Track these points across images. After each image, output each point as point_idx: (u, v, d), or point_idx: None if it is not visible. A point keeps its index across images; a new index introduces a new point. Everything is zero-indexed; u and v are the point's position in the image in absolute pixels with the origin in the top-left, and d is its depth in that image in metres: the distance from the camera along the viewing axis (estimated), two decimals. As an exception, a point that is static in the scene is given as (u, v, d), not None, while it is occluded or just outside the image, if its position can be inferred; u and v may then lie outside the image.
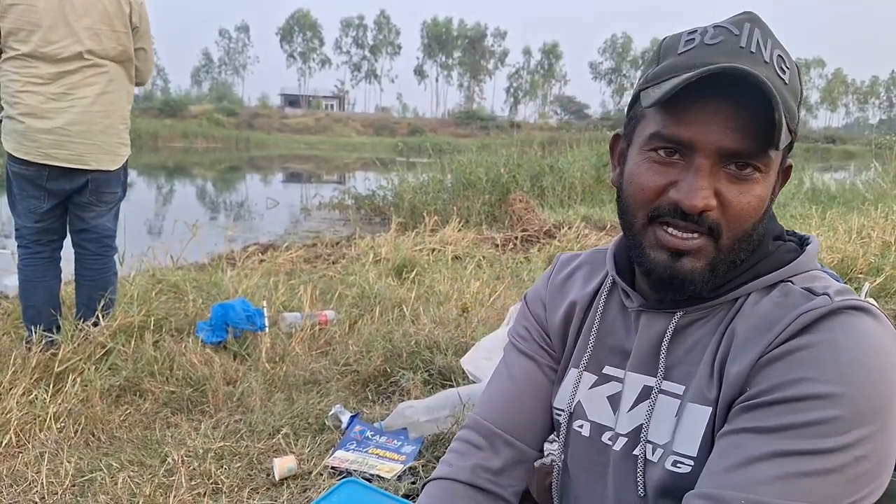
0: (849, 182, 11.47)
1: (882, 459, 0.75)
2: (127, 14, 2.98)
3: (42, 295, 3.04)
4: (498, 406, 1.07)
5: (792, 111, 0.81)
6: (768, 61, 0.80)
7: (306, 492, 2.13)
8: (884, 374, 0.75)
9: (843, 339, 0.76)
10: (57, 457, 2.26)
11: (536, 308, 1.12)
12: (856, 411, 0.73)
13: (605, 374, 0.99)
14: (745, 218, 0.83)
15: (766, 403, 0.77)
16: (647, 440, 0.90)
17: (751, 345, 0.81)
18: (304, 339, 3.32)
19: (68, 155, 2.90)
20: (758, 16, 0.84)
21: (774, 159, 0.83)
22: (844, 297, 0.81)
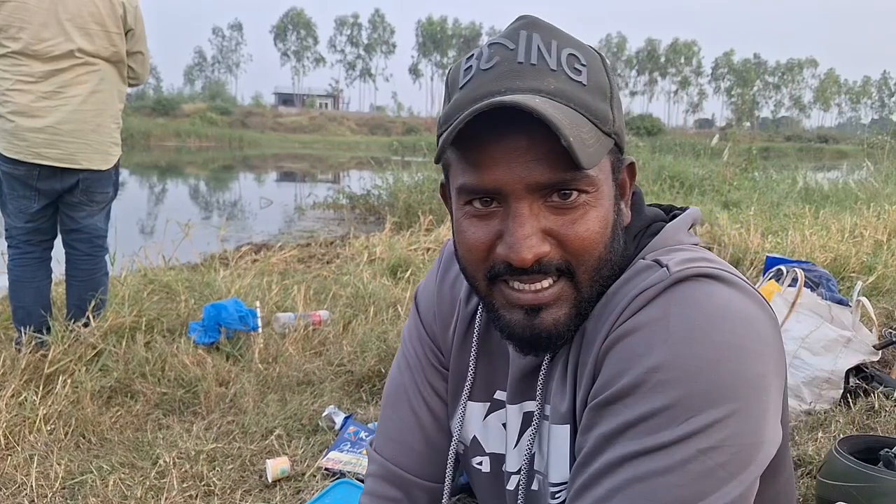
0: (841, 181, 11.50)
1: (741, 449, 0.63)
2: (120, 15, 2.95)
3: (32, 295, 3.02)
4: (402, 445, 0.96)
5: (597, 112, 0.70)
6: (555, 68, 0.69)
7: (299, 493, 2.12)
8: (732, 348, 0.64)
9: (678, 314, 0.65)
10: (47, 459, 2.24)
11: (427, 316, 0.98)
12: (693, 395, 0.62)
13: (497, 399, 0.89)
14: (591, 247, 0.71)
15: (603, 403, 0.68)
16: (538, 472, 0.82)
17: (596, 339, 0.72)
18: (298, 339, 3.30)
19: (59, 154, 2.88)
20: (535, 18, 0.73)
21: (599, 173, 0.71)
22: (689, 265, 0.69)
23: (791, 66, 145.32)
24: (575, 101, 0.69)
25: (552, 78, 0.69)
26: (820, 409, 2.55)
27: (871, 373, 2.76)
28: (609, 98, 0.72)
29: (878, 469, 1.84)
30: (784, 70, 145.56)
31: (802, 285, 2.81)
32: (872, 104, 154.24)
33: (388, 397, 1.00)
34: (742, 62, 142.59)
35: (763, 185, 10.27)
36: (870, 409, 2.55)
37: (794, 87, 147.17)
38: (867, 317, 3.02)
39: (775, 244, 5.28)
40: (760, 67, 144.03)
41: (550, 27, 0.73)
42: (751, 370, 0.64)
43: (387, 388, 1.02)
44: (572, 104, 0.69)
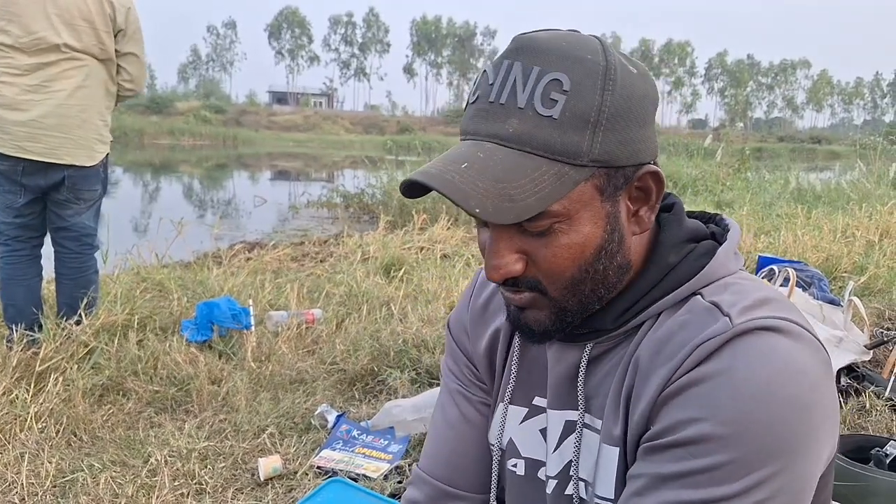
0: (834, 182, 11.55)
1: (792, 494, 0.69)
2: (108, 14, 2.93)
3: (23, 293, 3.00)
4: (438, 458, 1.01)
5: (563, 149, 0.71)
6: (524, 105, 0.71)
7: (291, 492, 2.12)
8: (792, 404, 0.68)
9: (742, 370, 0.69)
10: (38, 457, 2.23)
11: (461, 337, 1.04)
12: (755, 452, 0.67)
13: (536, 405, 0.92)
14: (560, 270, 0.76)
15: (663, 447, 0.72)
16: (578, 478, 0.85)
17: (654, 376, 0.75)
18: (291, 337, 3.29)
19: (42, 148, 2.86)
20: (526, 40, 0.74)
21: (573, 203, 0.73)
22: (751, 315, 0.72)
23: (784, 66, 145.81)
24: (531, 143, 0.71)
25: (515, 118, 0.72)
26: (811, 409, 2.56)
27: (862, 372, 2.77)
28: (590, 124, 0.71)
29: (870, 468, 1.85)
30: (777, 71, 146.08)
31: (794, 285, 2.82)
32: (865, 105, 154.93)
33: (431, 422, 1.06)
34: (735, 63, 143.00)
35: (756, 186, 10.30)
36: (861, 408, 2.56)
37: (787, 87, 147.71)
38: (858, 316, 3.03)
39: (768, 244, 5.30)
40: (754, 68, 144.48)
41: (541, 49, 0.73)
42: (808, 424, 0.70)
43: (432, 417, 1.07)
44: (527, 147, 0.71)
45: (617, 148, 0.73)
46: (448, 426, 1.01)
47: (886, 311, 3.66)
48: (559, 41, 0.73)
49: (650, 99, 0.77)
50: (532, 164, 0.71)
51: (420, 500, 1.01)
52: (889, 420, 2.48)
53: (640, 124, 0.75)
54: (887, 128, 41.54)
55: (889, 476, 1.81)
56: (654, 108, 0.78)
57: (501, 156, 0.71)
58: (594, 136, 0.72)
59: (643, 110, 0.75)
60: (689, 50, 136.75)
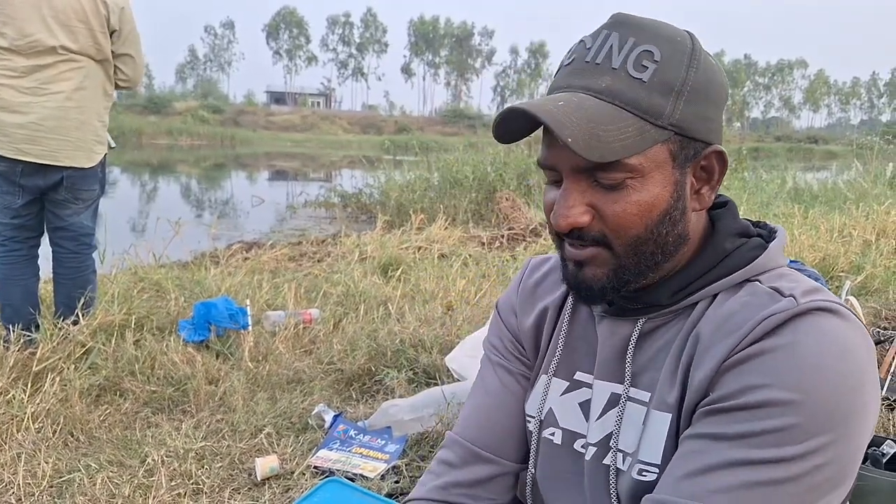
0: (831, 182, 11.56)
1: (844, 466, 0.74)
2: (104, 15, 2.93)
3: (20, 293, 3.00)
4: (474, 422, 1.05)
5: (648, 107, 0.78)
6: (616, 66, 0.79)
7: (288, 492, 2.11)
8: (848, 378, 0.74)
9: (806, 343, 0.74)
10: (34, 458, 2.23)
11: (508, 316, 1.09)
12: (816, 419, 0.72)
13: (577, 379, 0.97)
14: (627, 225, 0.81)
15: (725, 409, 0.76)
16: (617, 449, 0.89)
17: (716, 348, 0.79)
18: (288, 337, 3.29)
19: (41, 150, 2.85)
20: (624, 16, 0.83)
21: (645, 161, 0.79)
22: (811, 297, 0.78)
23: (781, 66, 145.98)
24: (621, 98, 0.78)
25: (609, 76, 0.79)
26: (808, 408, 2.57)
27: (859, 371, 2.77)
28: (674, 92, 0.79)
29: (866, 467, 1.85)
30: (774, 71, 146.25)
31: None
32: (862, 105, 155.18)
33: (470, 394, 1.10)
34: (732, 63, 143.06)
35: (753, 186, 10.31)
36: (858, 407, 2.56)
37: (784, 87, 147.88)
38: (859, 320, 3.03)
39: (765, 244, 5.30)
40: (751, 68, 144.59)
41: (637, 24, 0.81)
42: (861, 399, 0.74)
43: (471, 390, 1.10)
44: (617, 101, 0.78)
45: (694, 119, 0.81)
46: (486, 394, 1.05)
47: (883, 311, 3.67)
48: (654, 22, 0.82)
49: (725, 89, 0.85)
50: (619, 115, 0.78)
51: (453, 460, 1.03)
52: (886, 419, 2.49)
53: (715, 106, 0.83)
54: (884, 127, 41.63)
55: (885, 475, 1.81)
56: (725, 97, 0.86)
57: (593, 104, 0.78)
58: (676, 103, 0.79)
59: (719, 96, 0.84)
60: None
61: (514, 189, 8.43)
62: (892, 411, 2.52)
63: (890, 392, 2.61)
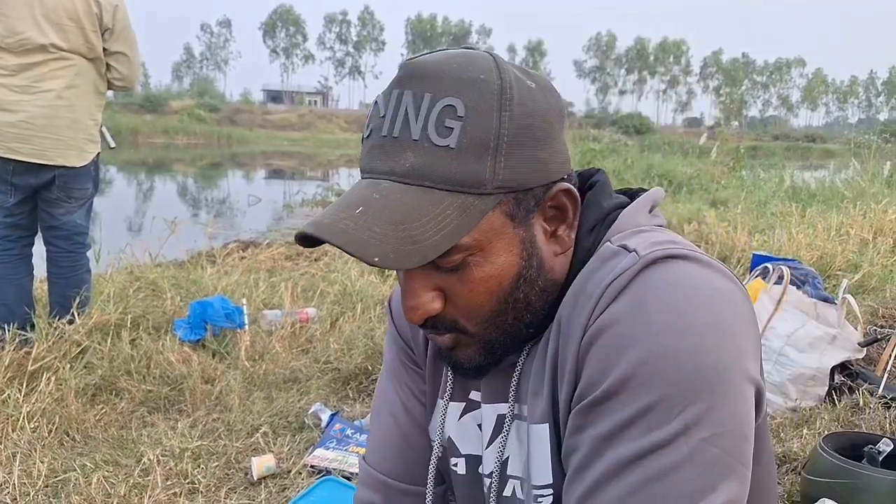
0: (828, 180, 11.57)
1: (737, 430, 0.64)
2: (96, 14, 2.91)
3: (14, 293, 2.99)
4: (384, 452, 0.96)
5: (464, 179, 0.67)
6: (418, 137, 0.66)
7: (285, 491, 2.11)
8: (710, 330, 0.64)
9: (653, 300, 0.65)
10: (30, 457, 2.22)
11: (400, 321, 0.97)
12: (684, 383, 0.62)
13: (472, 399, 0.88)
14: (478, 303, 0.72)
15: (591, 404, 0.67)
16: (510, 476, 0.81)
17: (574, 329, 0.71)
18: (285, 336, 3.29)
19: (31, 149, 2.84)
20: (412, 66, 0.70)
21: (483, 233, 0.69)
22: (658, 247, 0.69)
23: (779, 65, 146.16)
24: (430, 177, 0.67)
25: (411, 151, 0.67)
26: (805, 406, 2.57)
27: (855, 370, 2.77)
28: (490, 149, 0.67)
29: (863, 466, 1.85)
30: (772, 69, 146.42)
31: (788, 283, 2.82)
32: (859, 104, 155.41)
33: (373, 408, 1.02)
34: (730, 61, 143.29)
35: (751, 184, 10.33)
36: (854, 406, 2.56)
37: (782, 86, 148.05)
38: (852, 314, 3.03)
39: (762, 242, 5.31)
40: (749, 67, 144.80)
41: (430, 72, 0.69)
42: (733, 348, 0.64)
43: (374, 399, 1.03)
44: (426, 182, 0.67)
45: (522, 170, 0.69)
46: (392, 417, 0.96)
47: (880, 309, 3.67)
48: (449, 63, 0.69)
49: (554, 112, 0.72)
50: (433, 200, 0.66)
51: (369, 499, 0.96)
52: (882, 417, 2.49)
53: (546, 141, 0.71)
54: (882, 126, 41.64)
55: (882, 473, 1.81)
56: (559, 120, 0.73)
57: (399, 194, 0.67)
58: (496, 162, 0.67)
59: (547, 126, 0.71)
60: (685, 48, 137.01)
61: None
62: (888, 409, 2.52)
63: (887, 390, 2.61)
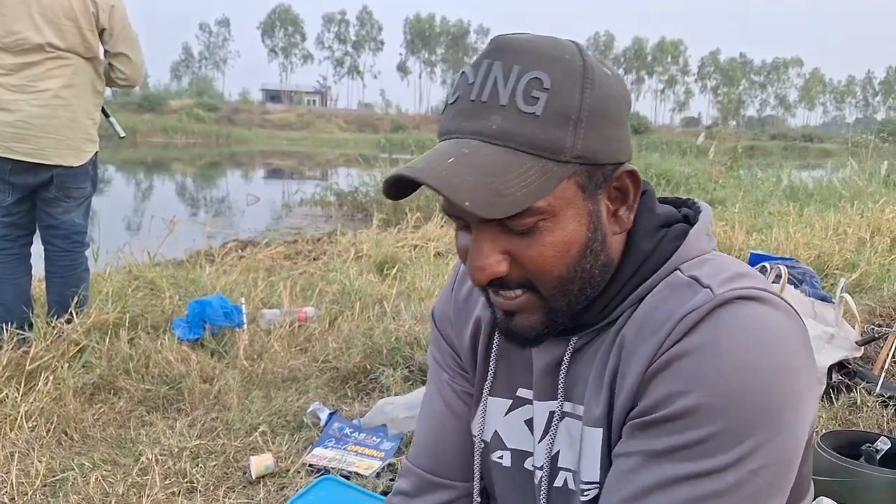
0: (826, 180, 11.59)
1: (783, 464, 0.70)
2: (92, 13, 2.91)
3: (12, 292, 2.99)
4: (425, 448, 1.02)
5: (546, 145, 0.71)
6: (505, 103, 0.71)
7: (283, 490, 2.11)
8: (776, 372, 0.69)
9: (727, 340, 0.70)
10: (28, 456, 2.22)
11: (445, 327, 1.03)
12: (745, 421, 0.68)
13: (519, 396, 0.93)
14: (546, 268, 0.76)
15: (652, 423, 0.72)
16: (561, 468, 0.86)
17: (639, 352, 0.75)
18: (283, 336, 3.28)
19: (29, 149, 2.84)
20: (505, 41, 0.75)
21: (555, 200, 0.73)
22: (730, 286, 0.73)
23: (777, 65, 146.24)
24: (516, 140, 0.71)
25: (499, 116, 0.72)
26: (803, 405, 2.57)
27: (853, 369, 2.78)
28: (572, 121, 0.72)
29: (860, 464, 1.85)
30: (770, 69, 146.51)
31: (786, 282, 2.83)
32: (857, 103, 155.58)
33: (419, 413, 1.06)
34: (728, 61, 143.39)
35: (748, 184, 10.34)
36: (852, 404, 2.57)
37: (779, 86, 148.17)
38: (850, 313, 3.04)
39: (760, 241, 5.32)
40: (746, 66, 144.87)
41: (520, 47, 0.73)
42: (792, 390, 0.70)
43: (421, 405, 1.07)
44: (512, 143, 0.71)
45: (598, 145, 0.74)
46: (432, 416, 1.02)
47: (877, 308, 3.67)
48: (537, 42, 0.75)
49: (624, 100, 0.78)
50: (517, 160, 0.71)
51: (408, 490, 1.02)
52: (880, 416, 2.49)
53: (617, 124, 0.76)
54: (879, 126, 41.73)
55: (880, 472, 1.81)
56: (627, 109, 0.79)
57: (488, 152, 0.71)
58: (576, 133, 0.72)
59: (619, 110, 0.77)
60: (682, 48, 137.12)
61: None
62: (886, 408, 2.53)
63: (884, 389, 2.61)
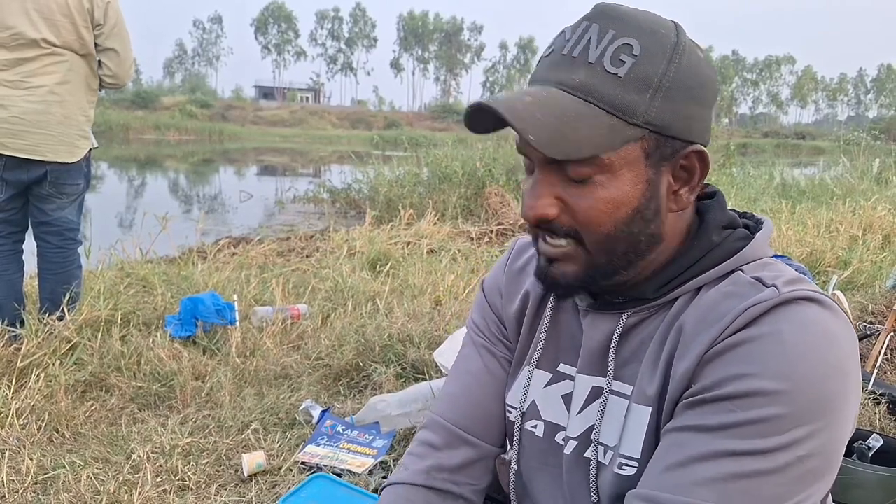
0: (818, 177, 11.63)
1: (828, 456, 0.73)
2: (87, 9, 2.89)
3: (4, 289, 2.97)
4: (455, 403, 1.04)
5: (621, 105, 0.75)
6: (593, 61, 0.76)
7: (275, 488, 2.10)
8: (832, 368, 0.72)
9: (789, 332, 0.73)
10: (19, 454, 2.21)
11: (493, 297, 1.08)
12: (800, 408, 0.71)
13: (560, 371, 0.96)
14: (595, 221, 0.80)
15: (708, 400, 0.74)
16: (598, 442, 0.88)
17: (698, 339, 0.78)
18: (276, 333, 3.27)
19: (23, 145, 2.82)
20: (607, 6, 0.79)
21: (620, 158, 0.77)
22: (794, 287, 0.77)
23: (769, 63, 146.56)
24: (594, 94, 0.76)
25: (584, 70, 0.76)
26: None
27: (845, 365, 2.79)
28: (651, 88, 0.76)
29: (853, 461, 1.86)
30: (762, 67, 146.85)
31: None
32: (849, 101, 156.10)
33: (451, 373, 1.09)
34: (721, 59, 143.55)
35: (741, 181, 10.36)
36: (844, 401, 2.57)
37: (771, 83, 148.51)
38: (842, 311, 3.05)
39: (753, 239, 5.32)
40: (739, 64, 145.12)
41: (620, 15, 0.78)
42: (843, 388, 0.73)
43: (452, 368, 1.10)
44: (590, 97, 0.76)
45: (671, 117, 0.78)
46: (470, 375, 1.04)
47: (870, 306, 3.68)
48: (636, 12, 0.79)
49: (712, 84, 0.82)
50: (591, 112, 0.75)
51: (435, 442, 1.03)
52: (872, 413, 2.50)
53: (699, 103, 0.80)
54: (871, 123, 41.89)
55: (871, 469, 1.82)
56: (714, 95, 0.82)
57: (565, 100, 0.76)
58: (652, 100, 0.76)
59: (704, 92, 0.80)
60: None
61: (503, 184, 8.41)
62: (878, 405, 2.54)
63: (876, 386, 2.62)
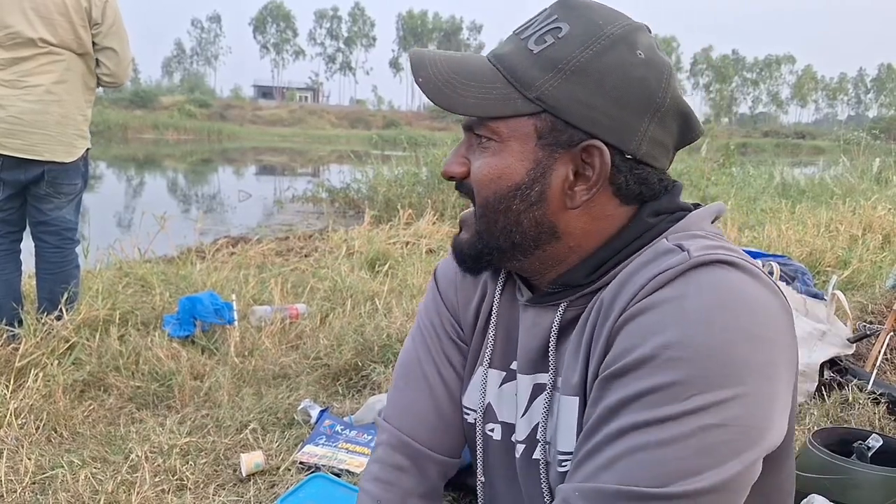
0: (818, 177, 11.64)
1: (747, 430, 0.65)
2: (85, 8, 2.88)
3: (2, 288, 2.96)
4: (416, 417, 0.98)
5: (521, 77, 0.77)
6: (524, 38, 0.79)
7: (274, 487, 2.10)
8: (742, 333, 0.66)
9: (694, 295, 0.67)
10: (17, 454, 2.20)
11: (448, 290, 1.02)
12: (700, 374, 0.64)
13: (513, 369, 0.92)
14: (478, 184, 0.81)
15: (612, 375, 0.70)
16: (544, 441, 0.84)
17: (612, 312, 0.74)
18: (274, 332, 3.27)
19: (20, 144, 2.81)
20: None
21: (510, 129, 0.78)
22: (710, 251, 0.71)
23: (769, 62, 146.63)
24: (504, 63, 0.79)
25: (512, 45, 0.80)
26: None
27: (845, 366, 2.78)
28: (556, 69, 0.76)
29: (852, 461, 1.85)
30: (762, 66, 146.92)
31: (778, 279, 2.83)
32: (849, 101, 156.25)
33: (400, 368, 1.03)
34: (721, 58, 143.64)
35: (741, 181, 10.36)
36: (844, 401, 2.57)
37: (771, 83, 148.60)
38: (842, 310, 3.04)
39: (752, 238, 5.33)
40: (739, 64, 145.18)
41: (577, 6, 0.79)
42: (760, 357, 0.67)
43: (400, 360, 1.04)
44: (499, 65, 0.79)
45: (567, 101, 0.76)
46: (424, 379, 0.99)
47: (869, 305, 3.68)
48: (597, 6, 0.80)
49: (641, 89, 0.76)
50: (492, 77, 0.78)
51: (398, 462, 0.98)
52: (871, 413, 2.50)
53: (613, 100, 0.76)
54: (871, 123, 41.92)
55: (871, 469, 1.81)
56: (643, 102, 0.76)
57: (477, 63, 0.80)
58: (553, 79, 0.76)
59: (623, 92, 0.76)
60: (675, 45, 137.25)
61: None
62: (877, 405, 2.53)
63: (876, 386, 2.62)
